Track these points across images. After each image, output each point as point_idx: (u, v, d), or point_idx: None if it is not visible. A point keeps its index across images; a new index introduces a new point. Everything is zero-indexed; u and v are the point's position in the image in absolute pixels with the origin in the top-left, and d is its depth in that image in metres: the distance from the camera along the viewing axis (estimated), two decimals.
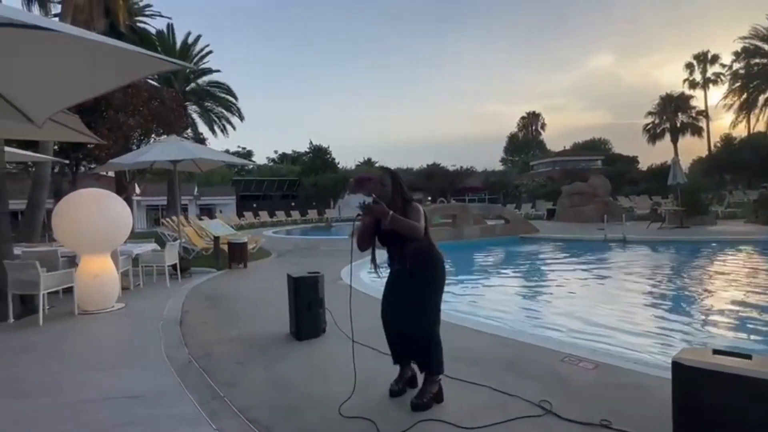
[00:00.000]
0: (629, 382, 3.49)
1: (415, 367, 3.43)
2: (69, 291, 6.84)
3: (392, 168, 3.32)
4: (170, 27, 23.20)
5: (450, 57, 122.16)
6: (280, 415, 3.17)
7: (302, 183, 44.12)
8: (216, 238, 11.06)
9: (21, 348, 4.91)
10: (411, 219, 3.10)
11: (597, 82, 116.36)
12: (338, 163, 49.74)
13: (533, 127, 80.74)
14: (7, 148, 7.41)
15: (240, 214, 32.12)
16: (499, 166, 67.83)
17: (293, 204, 39.31)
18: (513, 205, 30.17)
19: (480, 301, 7.91)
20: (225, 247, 11.15)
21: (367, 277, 9.39)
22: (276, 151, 65.01)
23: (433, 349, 3.22)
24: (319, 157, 47.79)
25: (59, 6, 15.36)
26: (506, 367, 3.87)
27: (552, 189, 34.80)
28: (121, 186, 18.63)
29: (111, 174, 20.07)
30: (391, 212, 3.02)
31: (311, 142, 49.36)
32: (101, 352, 4.68)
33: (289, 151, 60.67)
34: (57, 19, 14.44)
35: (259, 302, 7.17)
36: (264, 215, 33.03)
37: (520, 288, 9.53)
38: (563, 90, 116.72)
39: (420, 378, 3.32)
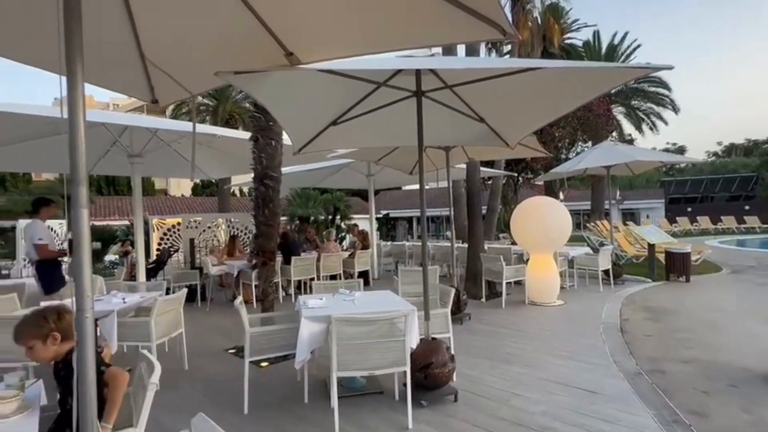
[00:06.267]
0: None
1: None
2: (518, 283, 8.16)
3: None
4: (595, 34, 23.40)
5: None
6: None
7: (762, 179, 33.66)
8: (651, 246, 10.18)
9: (496, 323, 6.28)
10: None
11: None
12: None
13: None
14: (483, 168, 9.76)
15: (671, 220, 28.20)
16: None
17: (747, 207, 30.66)
18: None
19: None
20: (660, 256, 10.11)
21: None
22: (719, 143, 53.07)
23: None
24: None
25: (506, 46, 18.73)
26: None
27: None
28: (551, 192, 20.46)
29: (540, 182, 22.52)
30: None
31: None
32: (554, 341, 5.29)
33: (739, 141, 47.96)
34: (507, 56, 17.66)
35: (712, 324, 6.05)
36: (704, 221, 27.59)
37: None
38: None
39: None
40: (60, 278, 5.59)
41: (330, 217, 22.85)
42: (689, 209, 32.54)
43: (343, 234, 18.17)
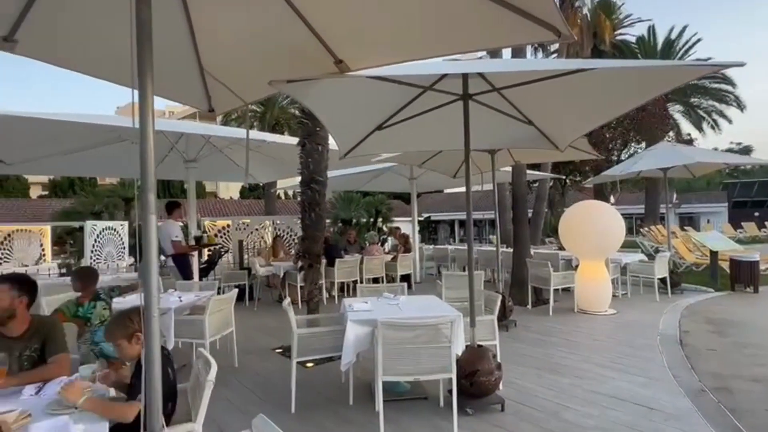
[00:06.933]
0: None
1: None
2: (566, 290, 7.87)
3: None
4: (650, 29, 22.16)
5: None
6: None
7: None
8: (713, 253, 9.52)
9: (544, 331, 6.08)
10: None
11: None
12: None
13: None
14: (529, 171, 9.51)
15: (736, 225, 26.24)
16: None
17: None
18: None
19: None
20: (724, 264, 9.44)
21: None
22: None
23: None
24: None
25: (553, 45, 18.12)
26: None
27: None
28: (601, 196, 19.61)
29: (589, 185, 21.65)
30: None
31: None
32: (606, 352, 5.05)
33: None
34: (555, 56, 17.11)
35: None
36: None
37: None
38: None
39: None
40: (192, 269, 6.73)
41: (372, 219, 23.03)
42: (756, 214, 30.19)
43: (385, 237, 18.24)
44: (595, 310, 7.02)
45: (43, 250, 9.73)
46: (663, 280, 8.46)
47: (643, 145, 18.19)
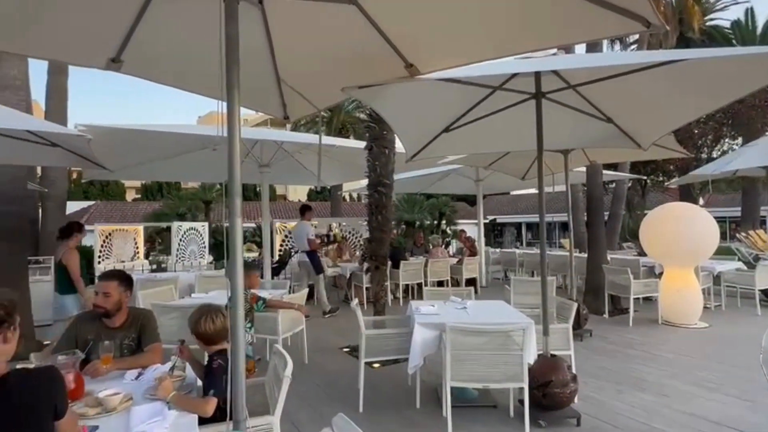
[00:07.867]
0: None
1: None
2: (647, 299, 7.29)
3: None
4: (748, 12, 19.89)
5: None
6: None
7: None
8: None
9: (623, 343, 5.67)
10: None
11: None
12: None
13: None
14: (606, 171, 8.94)
15: None
16: None
17: None
18: None
19: None
20: None
21: None
22: None
23: None
24: None
25: (630, 36, 16.85)
26: None
27: None
28: (688, 197, 17.91)
29: (673, 186, 19.85)
30: None
31: None
32: (697, 369, 4.60)
33: None
34: (635, 47, 15.92)
35: None
36: None
37: None
38: None
39: None
40: (321, 263, 7.85)
41: (435, 222, 22.89)
42: None
43: (449, 239, 18.04)
44: (683, 323, 6.43)
45: (137, 247, 10.75)
46: (765, 292, 7.55)
47: (739, 140, 16.37)
